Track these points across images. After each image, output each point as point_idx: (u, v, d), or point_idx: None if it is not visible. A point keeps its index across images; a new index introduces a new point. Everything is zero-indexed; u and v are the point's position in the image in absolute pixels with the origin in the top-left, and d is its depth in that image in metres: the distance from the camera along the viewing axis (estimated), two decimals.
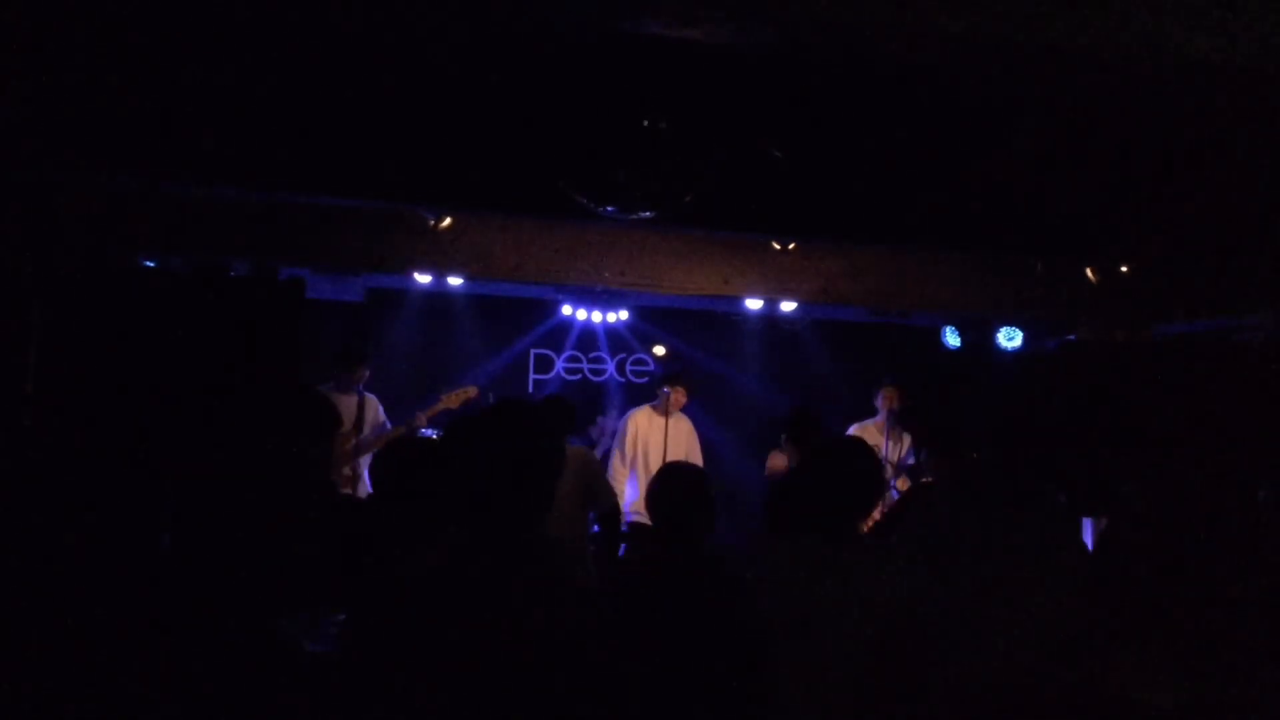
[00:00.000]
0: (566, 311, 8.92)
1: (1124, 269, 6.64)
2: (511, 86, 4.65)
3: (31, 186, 5.09)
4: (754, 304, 7.54)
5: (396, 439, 5.68)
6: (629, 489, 7.14)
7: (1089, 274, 6.80)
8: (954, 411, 6.93)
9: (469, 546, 2.38)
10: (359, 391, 6.60)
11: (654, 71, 4.52)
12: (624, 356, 9.57)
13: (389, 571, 2.59)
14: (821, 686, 3.12)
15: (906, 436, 7.15)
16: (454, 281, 7.24)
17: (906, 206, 5.27)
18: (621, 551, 6.13)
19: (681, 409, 7.41)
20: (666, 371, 7.82)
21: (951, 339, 8.33)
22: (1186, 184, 5.08)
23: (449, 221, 6.31)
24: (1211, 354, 6.14)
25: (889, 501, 5.83)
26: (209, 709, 2.59)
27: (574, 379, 9.49)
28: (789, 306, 7.55)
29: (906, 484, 6.56)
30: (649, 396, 7.53)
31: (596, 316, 8.95)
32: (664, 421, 7.24)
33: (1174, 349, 6.87)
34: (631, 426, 7.33)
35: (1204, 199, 5.13)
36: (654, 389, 7.46)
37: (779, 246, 6.68)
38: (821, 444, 4.04)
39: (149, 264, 6.13)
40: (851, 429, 7.31)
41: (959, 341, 8.29)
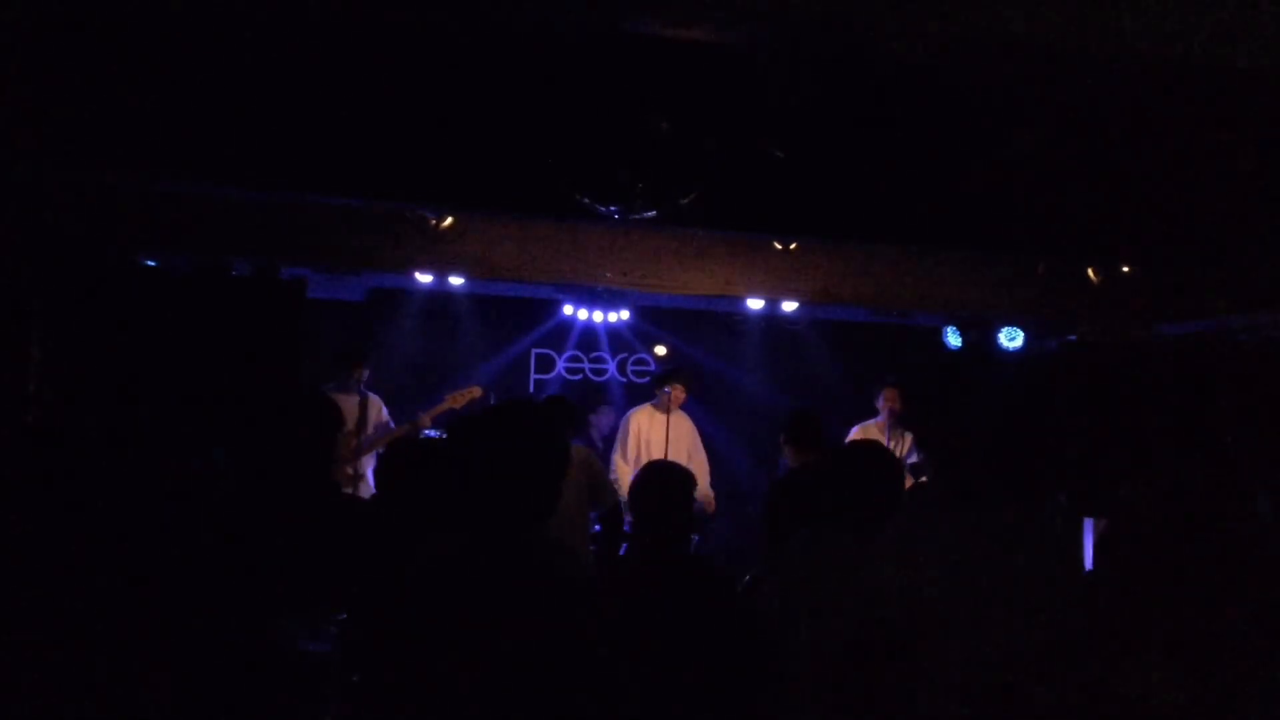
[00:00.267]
0: (568, 311, 8.92)
1: (1125, 269, 6.63)
2: (512, 86, 4.65)
3: (31, 186, 5.09)
4: (755, 304, 7.53)
5: (401, 439, 5.68)
6: None
7: (1090, 274, 6.78)
8: (954, 412, 6.92)
9: (472, 547, 2.39)
10: (361, 391, 6.61)
11: (654, 71, 4.52)
12: (625, 356, 9.57)
13: (391, 572, 2.60)
14: (825, 683, 3.13)
15: (908, 436, 7.15)
16: (455, 281, 7.24)
17: (907, 206, 5.25)
18: (623, 550, 6.14)
19: (683, 409, 7.41)
20: (664, 370, 7.82)
21: (953, 339, 8.31)
22: (1187, 184, 5.08)
23: (450, 221, 6.31)
24: (1211, 354, 6.14)
25: None
26: (210, 709, 2.60)
27: (575, 379, 9.49)
28: (790, 306, 7.54)
29: (910, 483, 6.55)
30: (650, 396, 7.53)
31: (598, 316, 8.94)
32: (665, 419, 7.24)
33: (1174, 349, 6.86)
34: (633, 425, 7.33)
35: (1204, 199, 5.13)
36: (654, 388, 7.46)
37: (780, 246, 6.67)
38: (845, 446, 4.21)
39: (150, 264, 6.14)
40: (853, 430, 7.30)
41: (960, 341, 8.28)
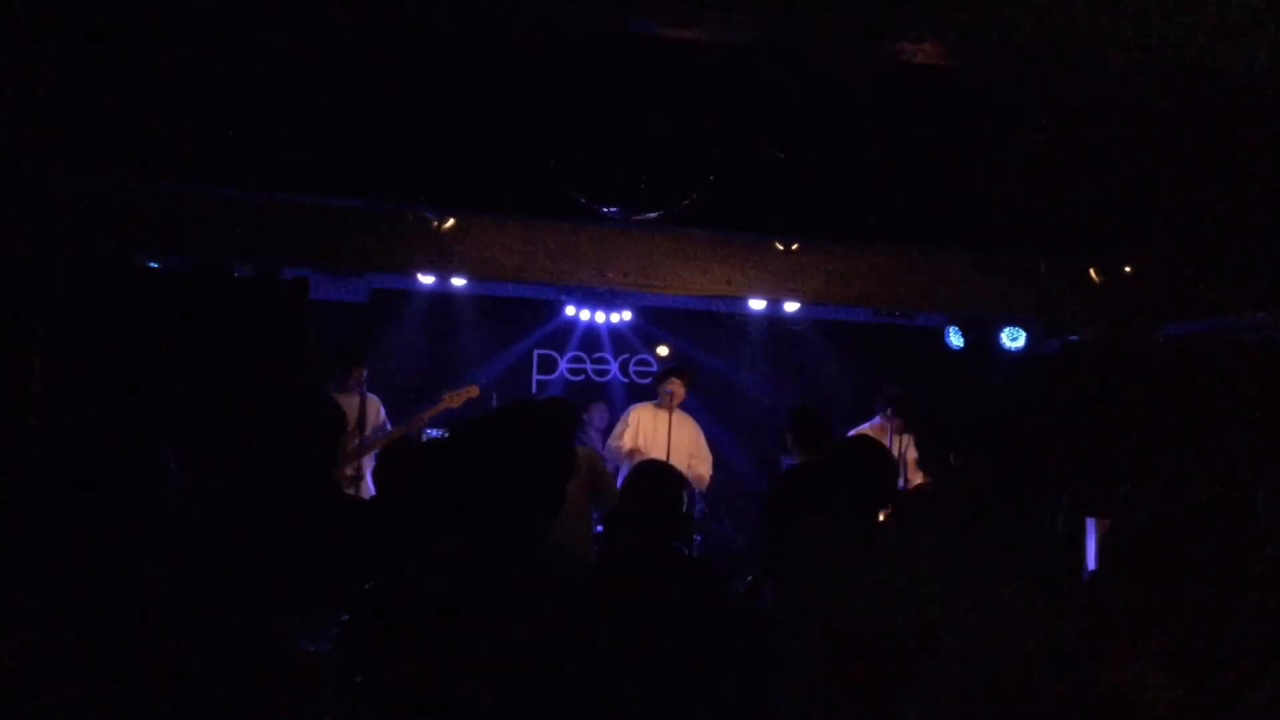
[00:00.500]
0: (570, 312, 8.92)
1: (1127, 269, 6.62)
2: (513, 87, 4.65)
3: (34, 188, 5.10)
4: (757, 304, 7.52)
5: (400, 440, 5.68)
6: None
7: (1092, 274, 6.77)
8: (955, 412, 6.92)
9: (473, 547, 2.39)
10: (361, 392, 6.60)
11: (654, 71, 4.52)
12: (627, 357, 9.58)
13: (392, 572, 2.60)
14: (825, 683, 3.13)
15: (908, 437, 7.14)
16: (457, 282, 7.24)
17: (908, 206, 5.25)
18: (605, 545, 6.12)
19: (684, 408, 7.40)
20: (663, 369, 7.81)
21: (954, 339, 8.31)
22: (1187, 184, 5.07)
23: (452, 222, 6.31)
24: (1213, 354, 6.13)
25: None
26: (209, 709, 2.59)
27: (578, 380, 9.50)
28: (792, 307, 7.53)
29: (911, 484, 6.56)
30: (652, 397, 7.52)
31: (600, 317, 8.95)
32: (667, 417, 7.22)
33: (1175, 349, 6.86)
34: (634, 418, 7.28)
35: (1204, 199, 5.12)
36: (654, 388, 7.45)
37: (782, 247, 6.67)
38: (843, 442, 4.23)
39: (152, 264, 6.14)
40: (852, 434, 7.29)
41: (962, 342, 8.28)
